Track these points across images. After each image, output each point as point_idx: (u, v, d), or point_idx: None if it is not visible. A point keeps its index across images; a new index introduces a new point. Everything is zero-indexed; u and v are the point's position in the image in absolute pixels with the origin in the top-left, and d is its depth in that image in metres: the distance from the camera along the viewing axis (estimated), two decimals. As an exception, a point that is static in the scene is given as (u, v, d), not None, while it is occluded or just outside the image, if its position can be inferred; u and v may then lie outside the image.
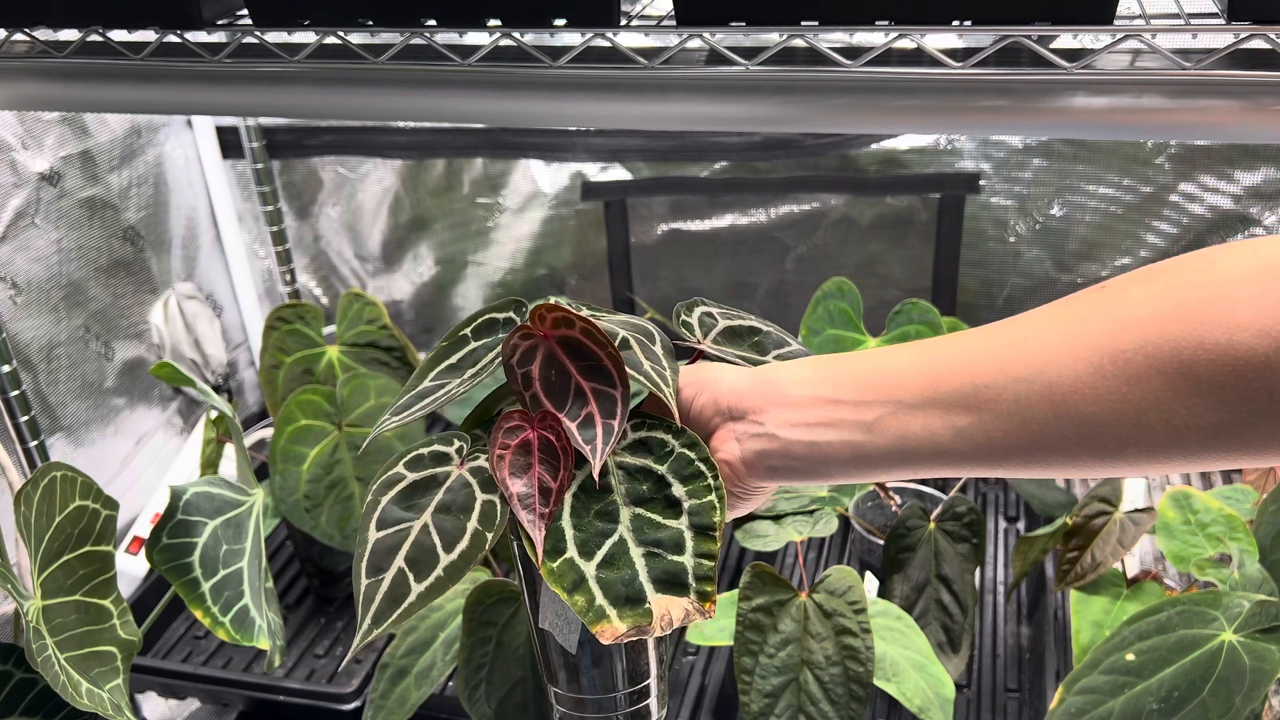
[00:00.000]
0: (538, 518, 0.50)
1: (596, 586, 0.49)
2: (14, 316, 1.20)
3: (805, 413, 0.51)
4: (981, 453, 0.47)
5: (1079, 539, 1.06)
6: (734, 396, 0.53)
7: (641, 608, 0.48)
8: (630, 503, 0.51)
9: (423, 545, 0.50)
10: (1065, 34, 0.68)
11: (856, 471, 0.51)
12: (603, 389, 0.52)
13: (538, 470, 0.51)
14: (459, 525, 0.50)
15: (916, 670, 0.92)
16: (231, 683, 1.17)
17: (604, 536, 0.50)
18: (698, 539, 0.50)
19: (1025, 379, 0.45)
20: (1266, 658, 0.76)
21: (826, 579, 0.92)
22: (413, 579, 0.49)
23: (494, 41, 0.72)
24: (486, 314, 0.58)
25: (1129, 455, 0.44)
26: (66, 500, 0.75)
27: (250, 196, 1.55)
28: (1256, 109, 0.63)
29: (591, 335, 0.52)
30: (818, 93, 0.69)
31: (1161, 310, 0.43)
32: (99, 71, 0.81)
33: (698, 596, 0.49)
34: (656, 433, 0.53)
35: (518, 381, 0.53)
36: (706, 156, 1.42)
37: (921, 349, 0.50)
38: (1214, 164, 1.27)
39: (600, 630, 0.47)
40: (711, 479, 0.51)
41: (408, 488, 0.52)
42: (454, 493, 0.51)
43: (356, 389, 1.23)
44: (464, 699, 0.93)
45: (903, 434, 0.48)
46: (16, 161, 1.19)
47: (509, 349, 0.53)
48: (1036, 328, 0.47)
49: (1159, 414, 0.42)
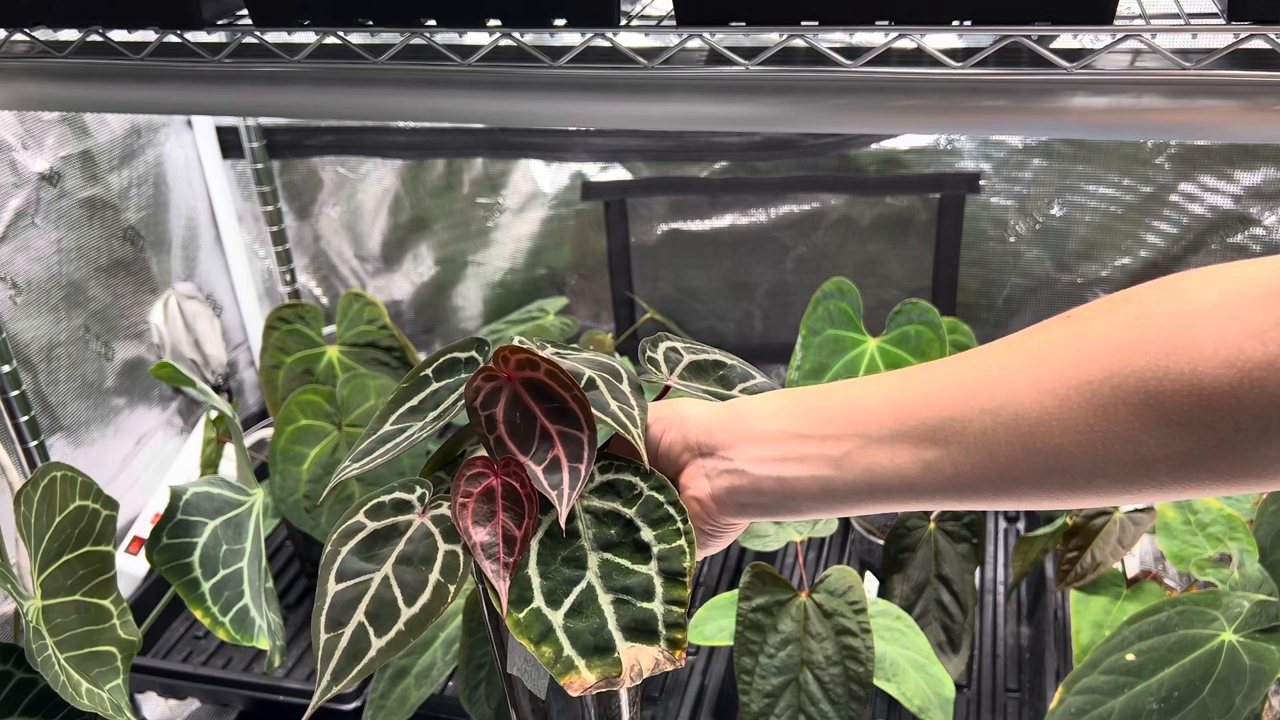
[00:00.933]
0: (501, 567, 0.48)
1: (564, 636, 0.47)
2: (14, 316, 1.20)
3: (773, 448, 0.50)
4: (950, 486, 0.47)
5: (1079, 539, 1.06)
6: (702, 432, 0.52)
7: (610, 657, 0.47)
8: (598, 548, 0.50)
9: (383, 598, 0.48)
10: (1065, 34, 0.68)
11: (826, 506, 0.50)
12: (569, 431, 0.51)
13: (501, 518, 0.49)
14: (420, 577, 0.49)
15: (916, 670, 0.92)
16: (231, 683, 1.17)
17: (571, 584, 0.49)
18: (668, 585, 0.49)
19: (991, 411, 0.45)
20: (1266, 658, 0.76)
21: (826, 579, 0.92)
22: (373, 633, 0.48)
23: (494, 41, 0.72)
24: (448, 354, 0.57)
25: (1098, 486, 0.44)
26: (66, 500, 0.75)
27: (250, 196, 1.55)
28: (1256, 109, 0.63)
29: (556, 377, 0.51)
30: (818, 93, 0.69)
31: (1125, 340, 0.42)
32: (99, 71, 0.81)
33: (668, 644, 0.48)
34: (624, 475, 0.52)
35: (481, 424, 0.51)
36: (706, 156, 1.42)
37: (889, 381, 0.49)
38: (1214, 164, 1.27)
39: (568, 682, 0.46)
40: (681, 523, 0.50)
41: (368, 537, 0.50)
42: (415, 543, 0.50)
43: (356, 389, 1.23)
44: (464, 699, 0.93)
45: (870, 468, 0.48)
46: (16, 161, 1.19)
47: (472, 391, 0.51)
48: (1002, 359, 0.46)
49: (1126, 445, 0.42)
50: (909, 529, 1.07)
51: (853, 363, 1.24)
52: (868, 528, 1.17)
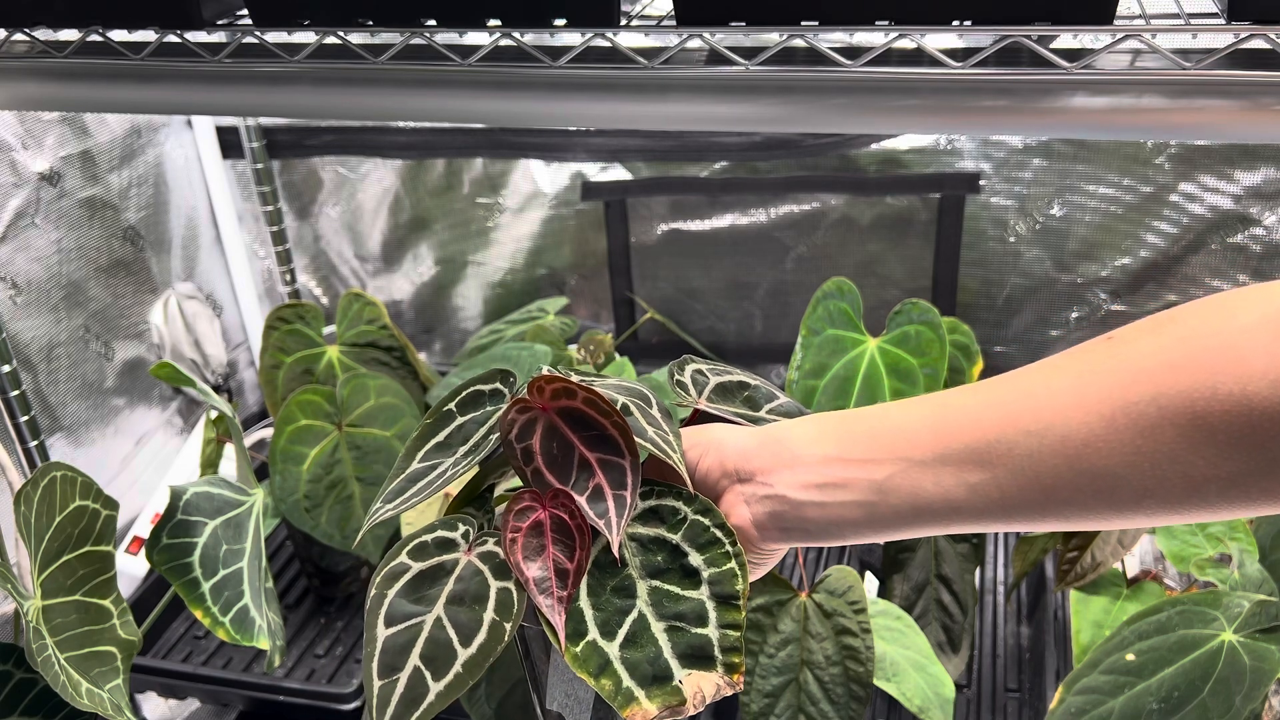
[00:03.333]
0: (556, 602, 0.48)
1: (622, 668, 0.47)
2: (14, 316, 1.20)
3: (815, 472, 0.49)
4: (996, 508, 0.46)
5: (1079, 539, 1.06)
6: (740, 458, 0.51)
7: (669, 685, 0.46)
8: (647, 575, 0.50)
9: (438, 640, 0.47)
10: (1065, 34, 0.68)
11: (870, 532, 0.49)
12: (609, 459, 0.50)
13: (552, 551, 0.49)
14: (475, 616, 0.48)
15: (916, 670, 0.93)
16: (231, 683, 1.17)
17: (623, 614, 0.48)
18: (721, 609, 0.48)
19: (1037, 433, 0.44)
20: (1266, 658, 0.76)
21: (826, 579, 0.92)
22: (430, 677, 0.46)
23: (494, 41, 0.72)
24: (472, 386, 0.56)
25: (1147, 507, 0.43)
26: (66, 500, 0.75)
27: (250, 196, 1.55)
28: (1256, 109, 0.63)
29: (595, 404, 0.50)
30: (818, 93, 0.69)
31: (1171, 361, 0.42)
32: (99, 71, 0.81)
33: (725, 669, 0.47)
34: (666, 500, 0.51)
35: (518, 457, 0.50)
36: (706, 156, 1.42)
37: (930, 404, 0.49)
38: (1214, 164, 1.27)
39: (631, 713, 0.45)
40: (730, 545, 0.49)
41: (414, 578, 0.49)
42: (465, 581, 0.49)
43: (356, 389, 1.23)
44: (464, 699, 0.93)
45: (915, 492, 0.47)
46: (16, 161, 1.19)
47: (506, 424, 0.51)
48: (1046, 380, 0.46)
49: (1174, 466, 0.42)
50: (909, 529, 1.07)
51: (853, 363, 1.24)
52: (868, 528, 1.17)
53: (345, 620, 1.30)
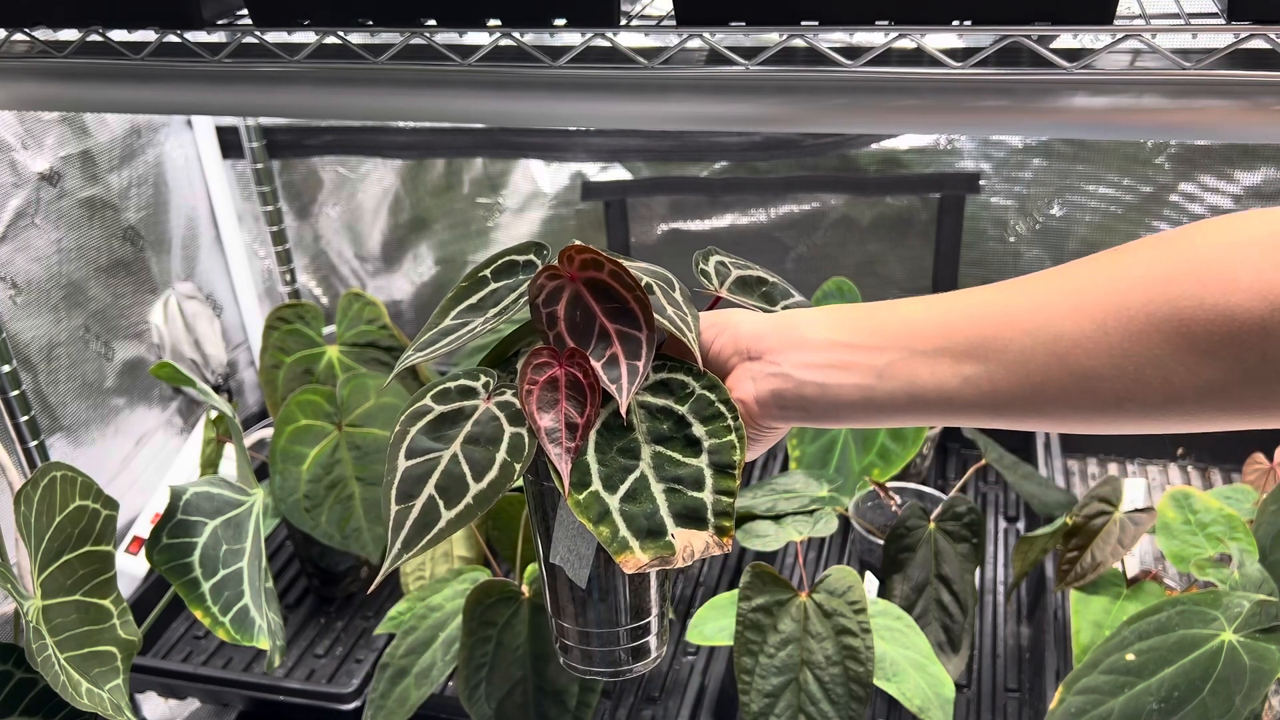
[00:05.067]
0: (564, 451, 0.51)
1: (620, 519, 0.50)
2: (14, 316, 1.20)
3: (820, 354, 0.52)
4: (985, 401, 0.48)
5: (1079, 539, 1.06)
6: (753, 338, 0.54)
7: (663, 540, 0.49)
8: (651, 440, 0.52)
9: (452, 474, 0.51)
10: (1065, 34, 0.68)
11: (864, 415, 0.52)
12: (628, 331, 0.53)
13: (565, 406, 0.52)
14: (488, 456, 0.51)
15: (916, 670, 0.92)
16: (231, 683, 1.17)
17: (626, 472, 0.51)
18: (717, 476, 0.51)
19: (1032, 332, 0.47)
20: (1266, 657, 0.76)
21: (826, 579, 0.92)
22: (443, 505, 0.50)
23: (494, 41, 0.72)
24: (506, 256, 0.59)
25: (1127, 410, 0.46)
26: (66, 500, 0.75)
27: (250, 196, 1.55)
28: (1256, 109, 0.63)
29: (620, 278, 0.53)
30: (818, 93, 0.69)
31: (1165, 271, 0.44)
32: (99, 71, 0.81)
33: (716, 531, 0.50)
34: (677, 374, 0.54)
35: (542, 321, 0.53)
36: (706, 156, 1.42)
37: (937, 301, 0.51)
38: (1214, 164, 1.27)
39: (624, 560, 0.49)
40: (731, 419, 0.52)
41: (435, 419, 0.52)
42: (482, 425, 0.52)
43: (356, 389, 1.23)
44: (464, 699, 0.93)
45: (911, 380, 0.50)
46: (16, 161, 1.19)
47: (535, 289, 0.53)
48: (1046, 284, 0.48)
49: (1156, 371, 0.44)
50: (909, 529, 1.07)
51: (853, 363, 1.24)
52: (868, 528, 1.17)
53: (345, 620, 1.30)
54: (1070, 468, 1.44)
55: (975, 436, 1.25)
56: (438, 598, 1.01)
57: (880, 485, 1.16)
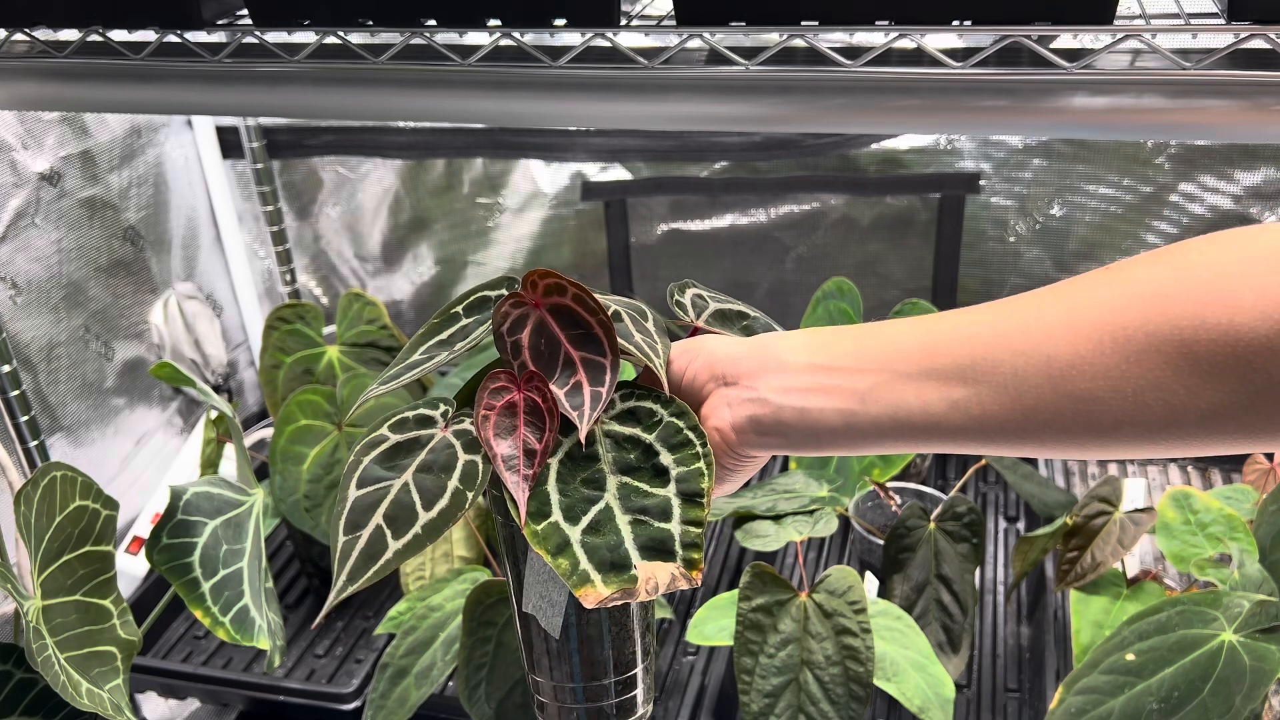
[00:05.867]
0: (521, 479, 0.49)
1: (581, 550, 0.48)
2: (14, 316, 1.20)
3: (798, 378, 0.50)
4: (975, 426, 0.46)
5: (1079, 539, 1.06)
6: (728, 363, 0.52)
7: (626, 574, 0.47)
8: (617, 471, 0.51)
9: (401, 503, 0.49)
10: (1065, 34, 0.68)
11: (848, 442, 0.50)
12: (592, 358, 0.52)
13: (523, 432, 0.50)
14: (439, 484, 0.50)
15: (916, 670, 0.92)
16: (231, 683, 1.17)
17: (590, 503, 0.50)
18: (685, 506, 0.50)
19: (1024, 353, 0.45)
20: (1266, 658, 0.76)
21: (826, 579, 0.92)
22: (390, 535, 0.49)
23: (494, 41, 0.72)
24: (480, 291, 0.58)
25: (1125, 434, 0.44)
26: (66, 500, 0.75)
27: (250, 196, 1.55)
28: (1256, 109, 0.63)
29: (583, 302, 0.52)
30: (818, 93, 0.69)
31: (1164, 290, 0.42)
32: (99, 71, 0.81)
33: (684, 564, 0.48)
34: (645, 402, 0.53)
35: (507, 350, 0.52)
36: (706, 156, 1.42)
37: (921, 322, 0.49)
38: (1214, 164, 1.27)
39: (584, 594, 0.47)
40: (700, 447, 0.50)
41: (391, 448, 0.51)
42: (436, 453, 0.51)
43: (356, 389, 1.23)
44: (464, 699, 0.93)
45: (896, 404, 0.48)
46: (16, 161, 1.19)
47: (499, 317, 0.52)
48: (1039, 303, 0.46)
49: (1157, 393, 0.42)
50: (909, 529, 1.07)
51: (853, 363, 1.24)
52: (868, 528, 1.17)
53: (345, 620, 1.30)
54: (1070, 468, 1.44)
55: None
56: (438, 598, 1.01)
57: (880, 485, 1.16)
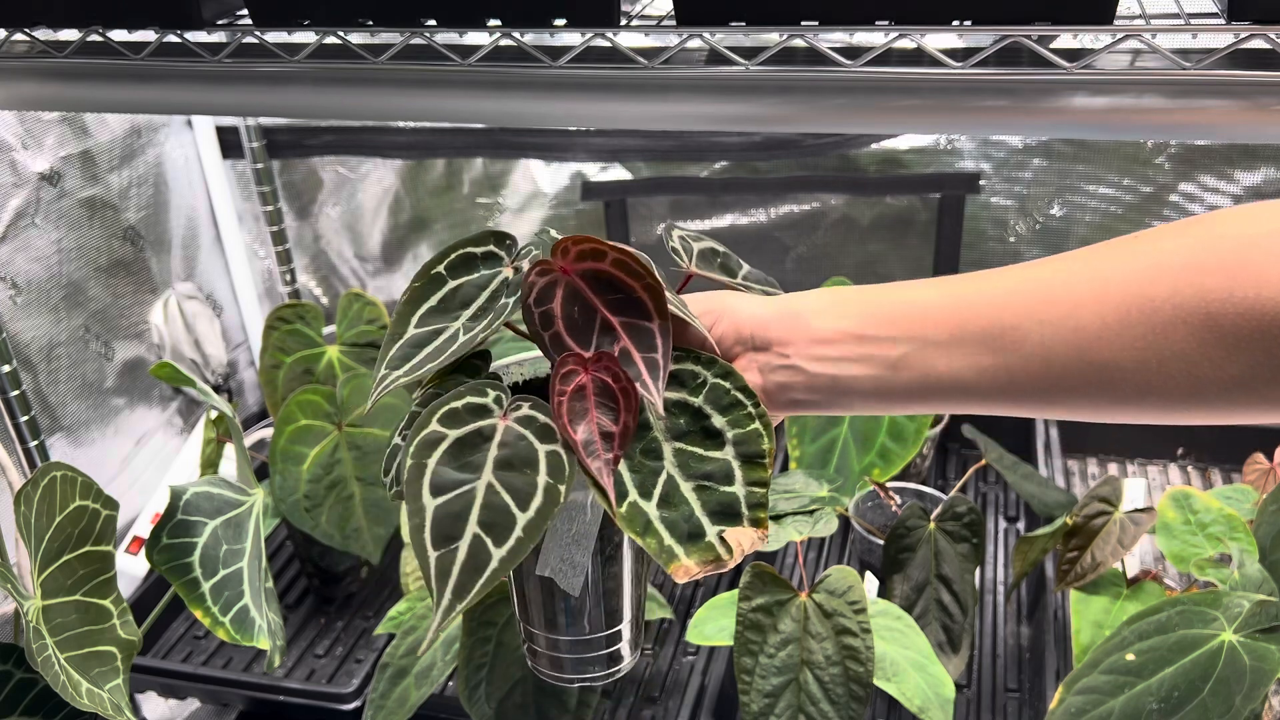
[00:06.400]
0: (604, 465, 0.47)
1: (662, 527, 0.47)
2: (14, 316, 1.20)
3: (831, 347, 0.51)
4: (1002, 392, 0.47)
5: (1079, 539, 1.06)
6: (757, 325, 0.52)
7: (702, 542, 0.47)
8: (671, 438, 0.50)
9: (495, 507, 0.46)
10: (1065, 34, 0.68)
11: (878, 404, 0.51)
12: (636, 323, 0.50)
13: (595, 415, 0.48)
14: (529, 481, 0.46)
15: (916, 670, 0.92)
16: (231, 683, 1.17)
17: (655, 474, 0.49)
18: (747, 468, 0.49)
19: (1051, 323, 0.46)
20: (1266, 658, 0.76)
21: (826, 579, 0.92)
22: (491, 544, 0.45)
23: (494, 41, 0.72)
24: (461, 248, 0.54)
25: (1148, 403, 0.45)
26: (66, 500, 0.75)
27: (250, 196, 1.55)
28: (1256, 109, 0.63)
29: (626, 266, 0.50)
30: (818, 93, 0.69)
31: (1192, 261, 0.43)
32: (99, 71, 0.81)
33: (752, 523, 0.48)
34: (685, 364, 0.51)
35: (536, 321, 0.50)
36: (706, 156, 1.42)
37: (949, 286, 0.50)
38: (1214, 164, 1.27)
39: (675, 570, 0.46)
40: (752, 407, 0.50)
41: (453, 446, 0.47)
42: (511, 446, 0.47)
43: (356, 389, 1.23)
44: (464, 699, 0.93)
45: (926, 371, 0.49)
46: (16, 161, 1.19)
47: (526, 287, 0.50)
48: (1067, 271, 0.47)
49: (1181, 364, 0.43)
50: (909, 529, 1.07)
51: (853, 363, 1.24)
52: (868, 528, 1.17)
53: (345, 620, 1.30)
54: (1070, 468, 1.44)
55: (975, 436, 1.25)
56: (438, 598, 1.01)
57: (880, 485, 1.16)
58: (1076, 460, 1.46)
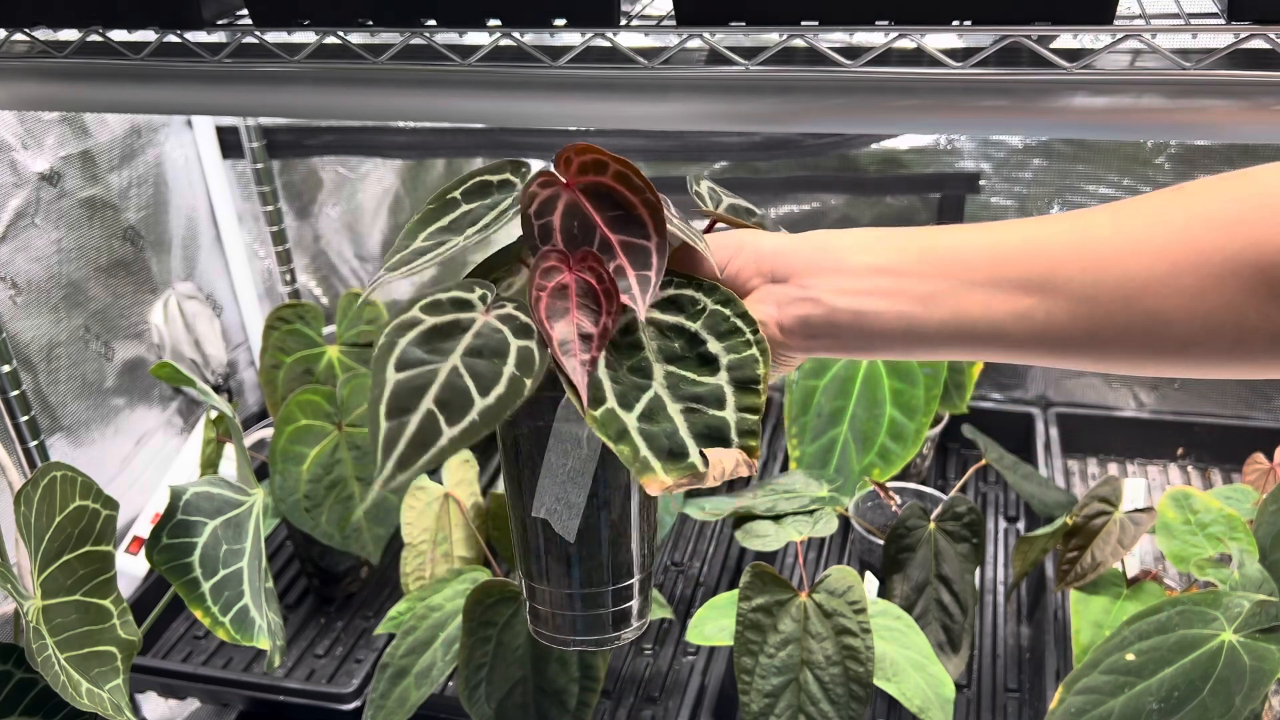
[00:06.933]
0: (579, 364, 0.46)
1: (639, 437, 0.46)
2: (14, 316, 1.20)
3: (859, 280, 0.48)
4: (1040, 338, 0.46)
5: (1079, 539, 1.06)
6: (778, 259, 0.50)
7: (685, 462, 0.46)
8: (663, 360, 0.49)
9: (454, 386, 0.44)
10: (1065, 34, 0.68)
11: (903, 346, 0.48)
12: (634, 241, 0.48)
13: (576, 315, 0.47)
14: (494, 369, 0.45)
15: (916, 670, 0.92)
16: (231, 683, 1.17)
17: (640, 390, 0.47)
18: (739, 393, 0.48)
19: (1096, 269, 0.44)
20: (1266, 658, 0.76)
21: (826, 579, 0.92)
22: (444, 421, 0.43)
23: (494, 41, 0.72)
24: (479, 175, 0.53)
25: (1191, 354, 0.44)
26: (66, 500, 0.75)
27: (250, 196, 1.55)
28: (1256, 109, 0.63)
29: (627, 180, 0.48)
30: (818, 92, 0.69)
31: (1244, 213, 0.42)
32: (99, 71, 0.81)
33: (742, 450, 0.46)
34: (686, 290, 0.50)
35: (534, 234, 0.49)
36: (706, 156, 1.42)
37: (988, 231, 0.48)
38: (1214, 164, 1.27)
39: (647, 482, 0.45)
40: (750, 334, 0.48)
41: (428, 331, 0.46)
42: (484, 337, 0.46)
43: (356, 389, 1.23)
44: (464, 699, 0.93)
45: (960, 311, 0.46)
46: (16, 161, 1.19)
47: (527, 198, 0.49)
48: (1112, 220, 0.45)
49: (1229, 314, 0.42)
50: (909, 529, 1.07)
51: (853, 362, 1.24)
52: (868, 528, 1.17)
53: (345, 620, 1.30)
54: (1070, 468, 1.44)
55: (975, 436, 1.25)
56: (438, 598, 1.01)
57: (880, 485, 1.16)
58: (1076, 460, 1.46)
